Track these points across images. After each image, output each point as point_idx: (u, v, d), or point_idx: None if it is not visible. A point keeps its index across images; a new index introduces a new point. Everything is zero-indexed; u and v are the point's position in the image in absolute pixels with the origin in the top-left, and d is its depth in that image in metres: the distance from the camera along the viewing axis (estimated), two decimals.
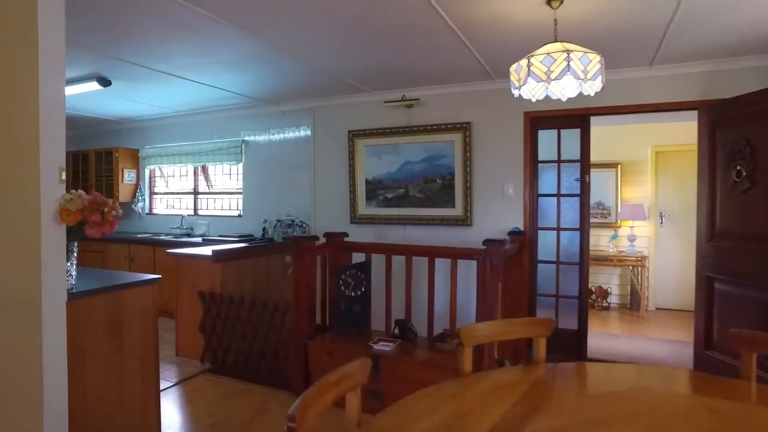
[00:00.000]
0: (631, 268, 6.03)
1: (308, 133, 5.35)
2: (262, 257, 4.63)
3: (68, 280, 2.24)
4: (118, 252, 6.14)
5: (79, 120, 6.48)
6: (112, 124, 6.89)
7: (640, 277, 5.93)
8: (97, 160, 6.79)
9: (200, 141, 6.11)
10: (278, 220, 5.34)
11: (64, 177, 2.17)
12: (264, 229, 5.43)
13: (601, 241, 6.28)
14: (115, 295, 2.47)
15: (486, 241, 3.17)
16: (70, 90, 4.47)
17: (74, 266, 2.33)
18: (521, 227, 4.40)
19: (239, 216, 5.92)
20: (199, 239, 5.59)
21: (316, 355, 3.41)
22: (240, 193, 5.95)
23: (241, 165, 5.87)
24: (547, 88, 2.59)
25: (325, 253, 3.74)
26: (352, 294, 3.52)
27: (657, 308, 6.17)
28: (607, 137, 5.72)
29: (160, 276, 2.76)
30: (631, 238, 5.96)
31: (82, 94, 4.83)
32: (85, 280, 2.48)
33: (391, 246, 3.76)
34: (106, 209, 2.31)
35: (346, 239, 3.91)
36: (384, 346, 3.21)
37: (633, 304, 6.16)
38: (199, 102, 5.45)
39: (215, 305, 3.96)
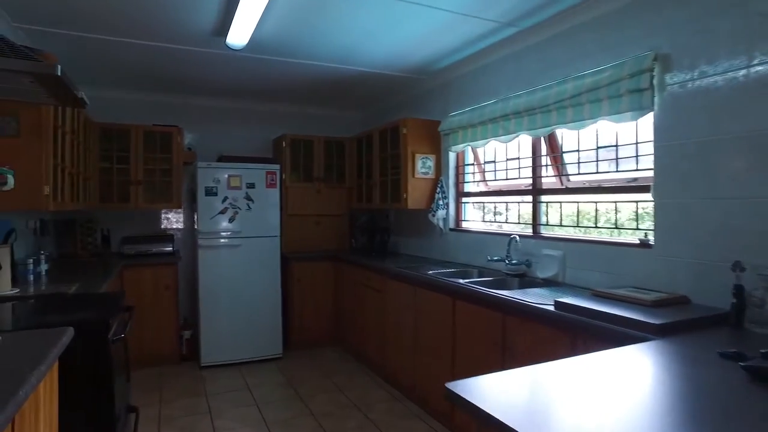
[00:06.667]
0: None
1: None
2: None
3: None
4: (401, 295, 3.58)
5: (353, 84, 4.29)
6: (399, 87, 4.50)
7: None
8: (381, 144, 4.47)
9: (546, 82, 2.97)
10: None
11: None
12: (738, 289, 1.84)
13: None
14: None
15: None
16: None
17: None
18: None
19: (642, 245, 2.47)
20: (549, 300, 2.40)
21: None
22: (642, 189, 2.49)
23: (645, 121, 2.43)
24: None
25: None
26: None
27: None
28: None
29: None
30: None
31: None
32: None
33: None
34: None
35: None
36: None
37: None
38: None
39: None
